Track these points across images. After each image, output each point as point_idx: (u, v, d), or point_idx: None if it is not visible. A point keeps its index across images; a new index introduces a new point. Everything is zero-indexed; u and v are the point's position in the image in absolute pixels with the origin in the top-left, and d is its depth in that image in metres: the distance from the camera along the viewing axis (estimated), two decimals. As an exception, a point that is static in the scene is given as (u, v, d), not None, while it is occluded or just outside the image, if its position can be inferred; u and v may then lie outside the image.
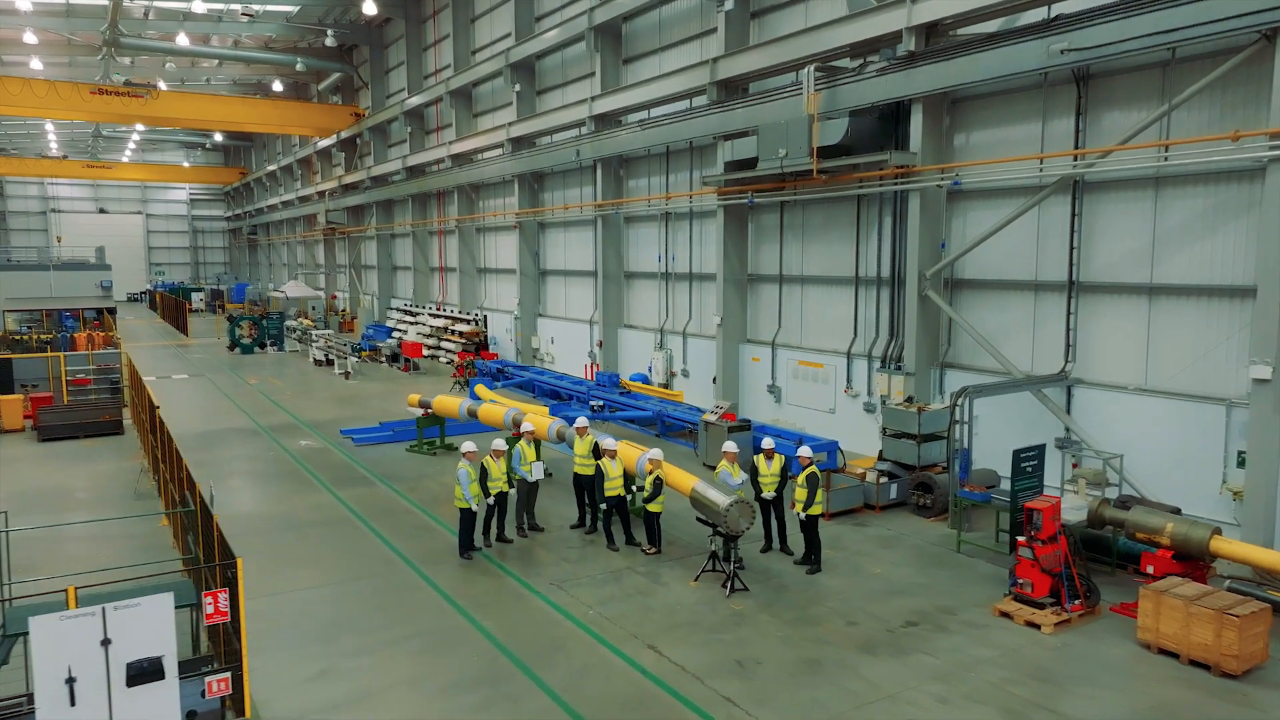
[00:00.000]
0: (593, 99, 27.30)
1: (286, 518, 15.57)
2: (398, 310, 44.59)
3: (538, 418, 17.14)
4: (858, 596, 11.76)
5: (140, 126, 67.67)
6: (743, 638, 10.51)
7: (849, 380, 20.12)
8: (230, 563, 7.77)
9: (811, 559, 12.77)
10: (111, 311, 45.70)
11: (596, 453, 14.15)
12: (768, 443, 13.42)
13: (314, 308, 52.28)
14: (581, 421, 14.74)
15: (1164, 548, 11.10)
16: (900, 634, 10.58)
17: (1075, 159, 14.96)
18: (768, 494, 13.22)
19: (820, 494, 12.62)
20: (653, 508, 13.24)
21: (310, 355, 37.85)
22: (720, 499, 11.94)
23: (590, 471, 14.04)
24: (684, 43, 24.72)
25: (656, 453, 13.41)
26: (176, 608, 7.81)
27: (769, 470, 13.29)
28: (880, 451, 16.81)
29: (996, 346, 16.51)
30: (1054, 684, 9.37)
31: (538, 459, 14.57)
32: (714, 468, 14.63)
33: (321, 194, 57.24)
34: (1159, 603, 9.84)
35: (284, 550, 13.88)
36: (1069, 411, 15.60)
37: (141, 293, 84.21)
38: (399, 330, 41.60)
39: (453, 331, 36.75)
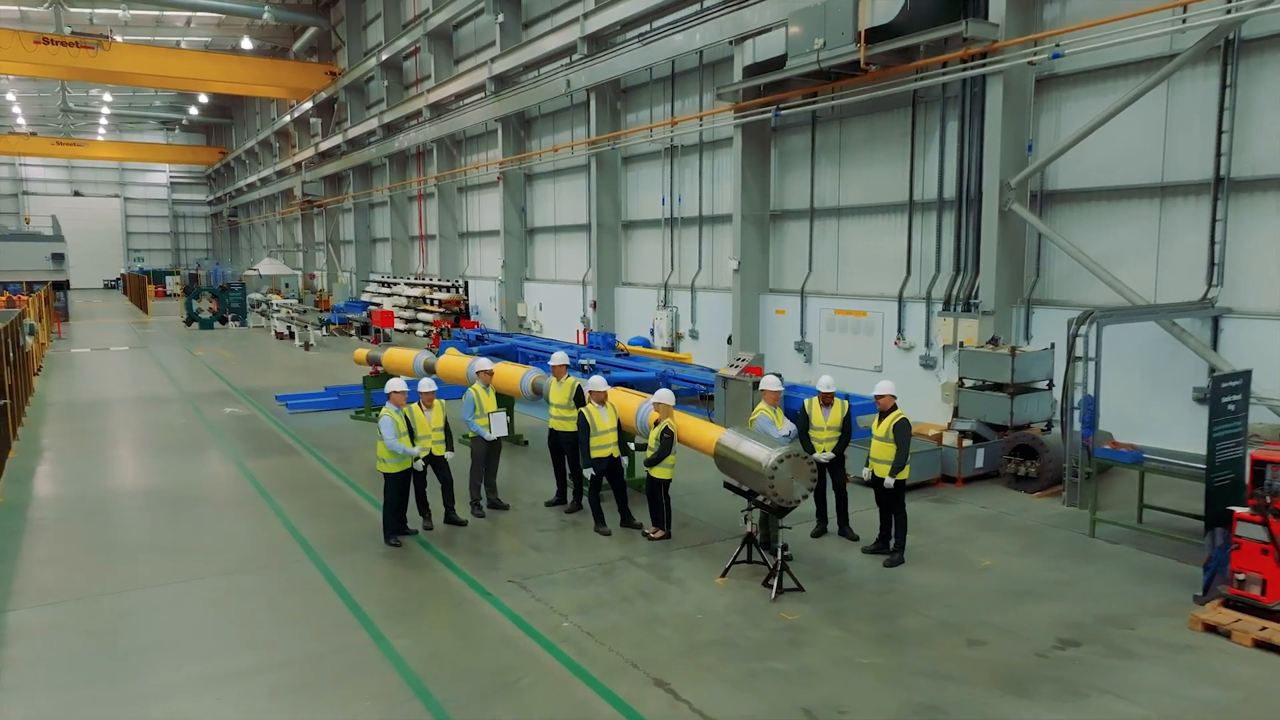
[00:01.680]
0: (585, 16, 23.33)
1: (162, 493, 11.61)
2: (375, 283, 40.66)
3: (506, 366, 13.20)
4: (970, 600, 7.80)
5: (108, 97, 63.96)
6: (807, 667, 6.56)
7: (900, 329, 16.15)
8: None
9: (891, 546, 8.81)
10: (61, 285, 41.65)
11: (580, 400, 10.21)
12: (825, 382, 9.44)
13: (287, 285, 48.29)
14: (559, 358, 10.77)
15: None
16: (1059, 660, 6.62)
17: (1231, 1, 10.99)
18: (824, 454, 9.26)
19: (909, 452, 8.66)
20: (659, 473, 9.29)
21: (271, 329, 33.88)
22: (762, 453, 7.97)
23: (571, 427, 10.08)
24: (693, -60, 20.73)
25: (665, 395, 9.45)
26: None
27: (826, 421, 9.33)
28: (955, 409, 12.87)
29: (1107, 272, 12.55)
30: (1360, 754, 5.43)
31: (499, 410, 10.58)
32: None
33: (298, 165, 53.28)
34: None
35: (140, 535, 9.93)
36: (1215, 349, 11.65)
37: (116, 279, 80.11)
38: (375, 304, 37.63)
39: (431, 301, 32.80)
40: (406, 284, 35.41)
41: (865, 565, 8.72)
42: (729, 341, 19.69)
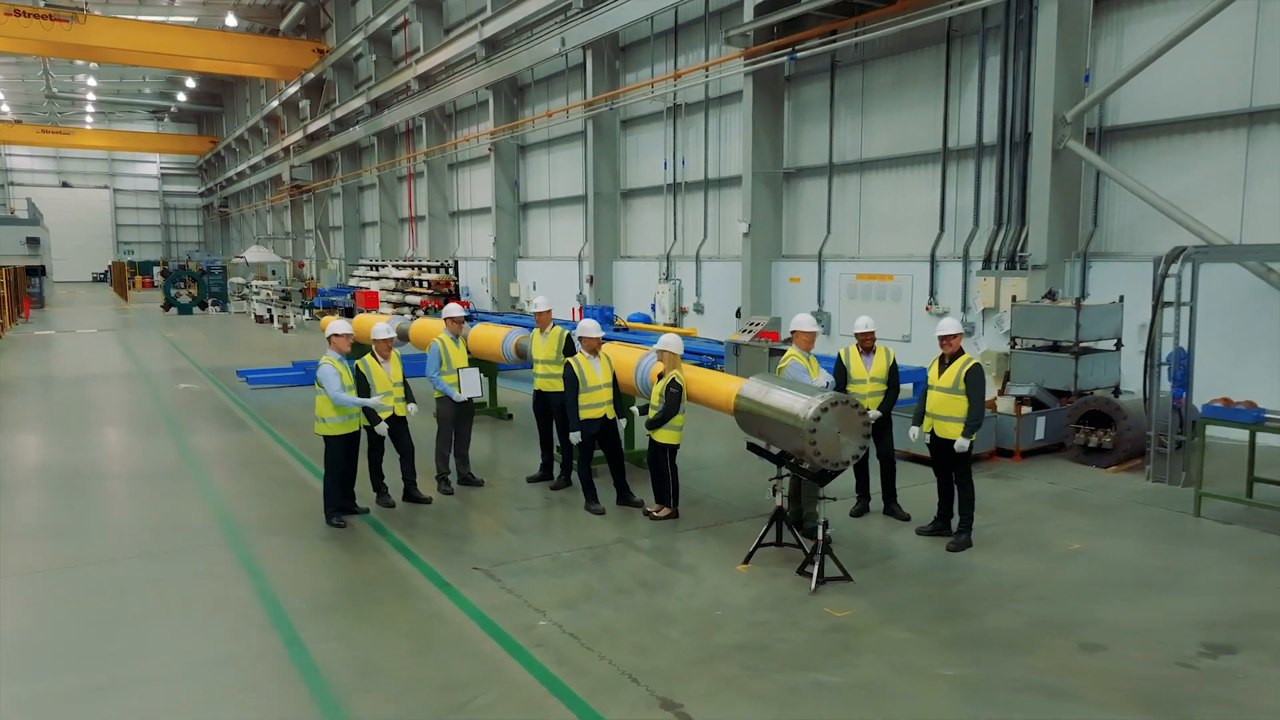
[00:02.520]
0: (581, -34, 21.58)
1: (83, 470, 9.84)
2: (364, 267, 38.91)
3: (486, 328, 11.47)
4: (1067, 592, 6.05)
5: (93, 81, 62.19)
6: (868, 680, 4.81)
7: (933, 293, 14.42)
8: None
9: (955, 525, 7.05)
10: (35, 270, 39.91)
11: (569, 350, 8.48)
12: (863, 322, 7.66)
13: (273, 272, 46.49)
14: (542, 303, 9.00)
15: None
16: (1213, 673, 4.87)
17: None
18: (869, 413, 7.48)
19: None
20: (663, 437, 7.53)
21: (251, 312, 32.13)
22: (799, 402, 6.20)
23: (559, 386, 8.32)
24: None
25: (671, 341, 7.69)
26: None
27: (868, 372, 7.57)
28: (1006, 376, 11.12)
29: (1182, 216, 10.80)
30: None
31: (471, 366, 8.81)
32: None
33: (287, 150, 51.54)
34: None
35: (44, 514, 8.18)
36: (1320, 302, 9.92)
37: (105, 272, 78.27)
38: (362, 288, 35.85)
39: (419, 283, 31.02)
40: (394, 266, 33.65)
41: (922, 549, 6.96)
42: (738, 314, 17.97)
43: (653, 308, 20.92)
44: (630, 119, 22.10)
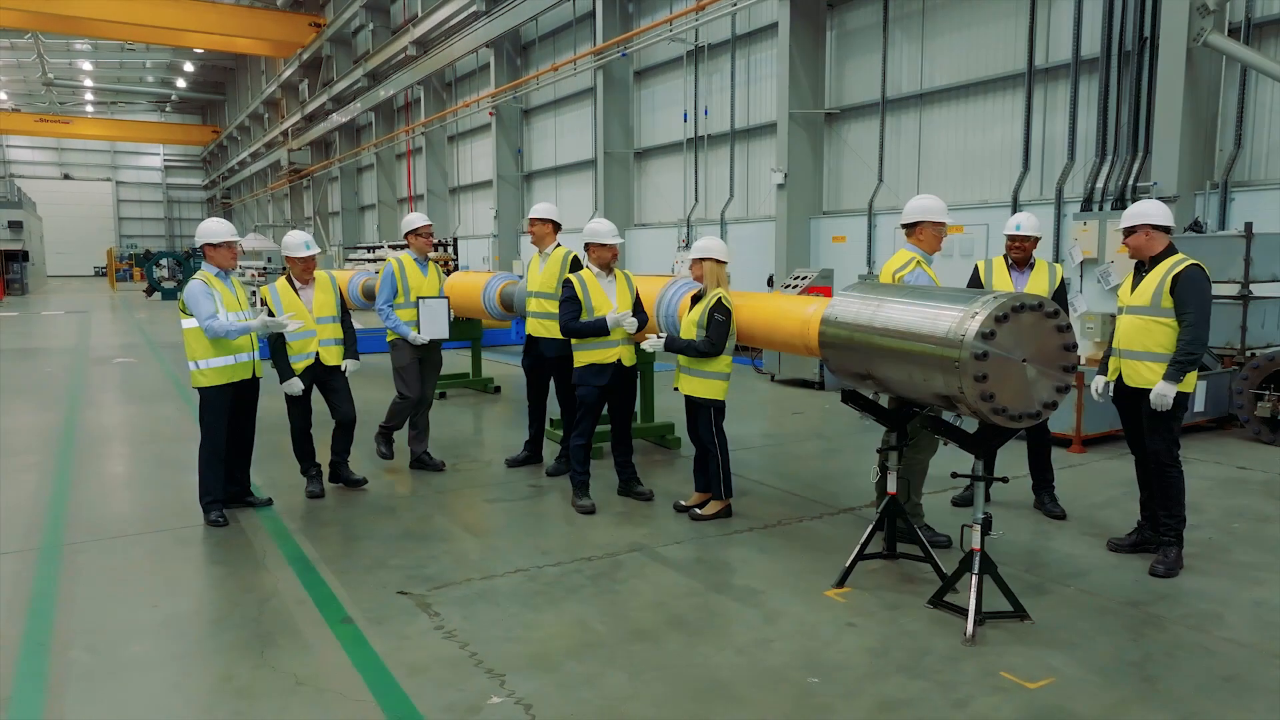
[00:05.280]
0: (591, -105, 19.13)
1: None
2: (361, 249, 36.65)
3: (466, 275, 9.03)
4: None
5: (88, 66, 60.27)
6: None
7: (1015, 245, 11.84)
8: None
9: (1163, 534, 4.45)
10: (18, 256, 37.74)
11: (574, 269, 5.99)
12: (1019, 222, 5.17)
13: (269, 260, 44.32)
14: (541, 210, 6.41)
15: None
16: None
17: None
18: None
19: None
20: (704, 389, 5.03)
21: (237, 295, 29.81)
22: (946, 315, 3.60)
23: (552, 331, 5.85)
24: None
25: (712, 245, 5.21)
26: None
27: (1015, 289, 5.03)
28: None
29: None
30: None
31: (438, 296, 6.30)
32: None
33: (285, 134, 49.41)
34: None
35: None
36: None
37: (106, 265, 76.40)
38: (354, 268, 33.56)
39: (415, 262, 28.63)
40: (390, 246, 31.33)
41: (1108, 563, 4.43)
42: (770, 283, 15.46)
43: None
44: (645, 69, 19.61)
